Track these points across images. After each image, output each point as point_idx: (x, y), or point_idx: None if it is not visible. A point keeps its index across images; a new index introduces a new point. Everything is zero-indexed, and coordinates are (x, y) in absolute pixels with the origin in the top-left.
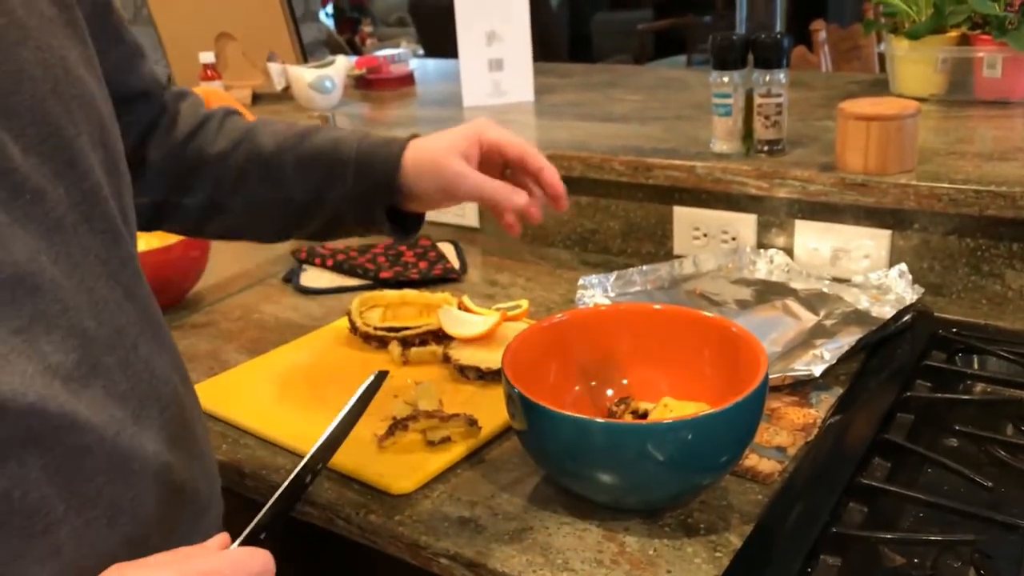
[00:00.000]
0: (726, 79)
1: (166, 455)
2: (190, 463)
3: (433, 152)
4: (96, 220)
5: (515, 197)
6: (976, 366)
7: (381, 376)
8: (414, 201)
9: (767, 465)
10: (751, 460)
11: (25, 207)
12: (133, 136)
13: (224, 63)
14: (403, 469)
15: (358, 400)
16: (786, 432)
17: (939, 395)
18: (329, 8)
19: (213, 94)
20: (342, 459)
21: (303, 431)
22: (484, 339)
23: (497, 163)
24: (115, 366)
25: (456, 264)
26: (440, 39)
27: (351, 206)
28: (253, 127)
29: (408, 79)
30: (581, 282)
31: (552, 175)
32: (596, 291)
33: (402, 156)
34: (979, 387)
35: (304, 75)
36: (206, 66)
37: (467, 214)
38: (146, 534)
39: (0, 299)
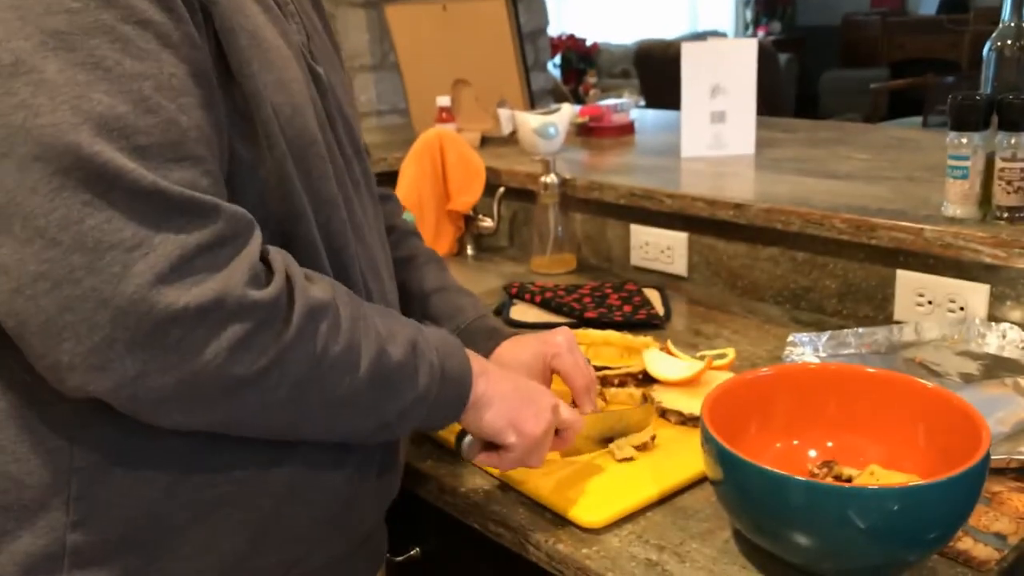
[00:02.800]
0: (964, 140)
1: None
2: None
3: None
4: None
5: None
6: None
7: None
8: None
9: (983, 551)
10: (965, 543)
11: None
12: None
13: (458, 107)
14: (594, 502)
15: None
16: (1008, 519)
17: None
18: (557, 59)
19: (446, 136)
20: (535, 485)
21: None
22: (688, 384)
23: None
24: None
25: (661, 310)
26: (663, 90)
27: None
28: (415, 259)
29: (628, 128)
30: (791, 339)
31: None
32: (806, 349)
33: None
34: None
35: (530, 121)
36: (442, 109)
37: (676, 261)
38: None
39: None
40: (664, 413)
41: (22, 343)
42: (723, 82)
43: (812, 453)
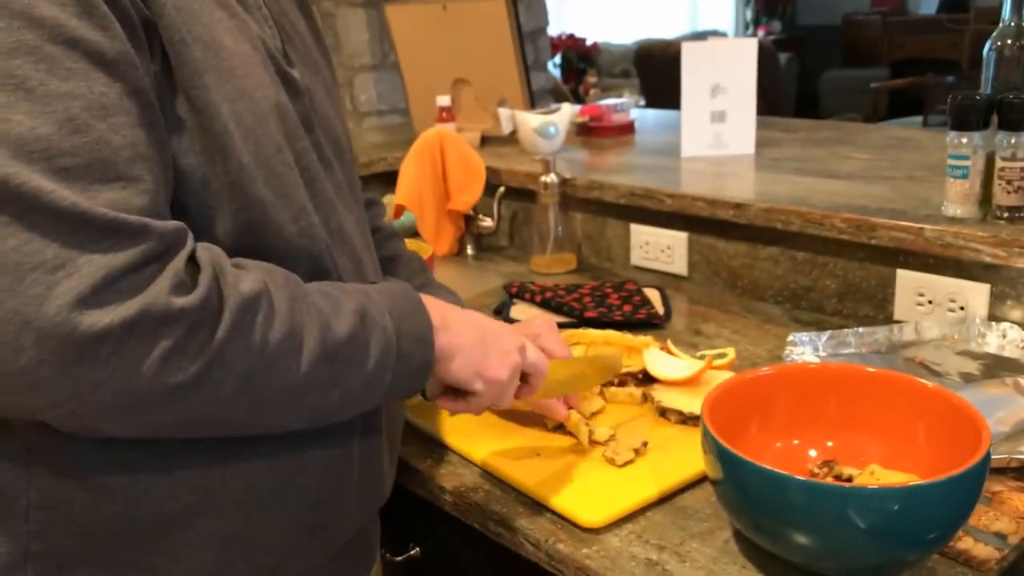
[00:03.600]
0: (964, 140)
1: None
2: None
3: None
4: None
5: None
6: None
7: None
8: None
9: (983, 551)
10: (965, 543)
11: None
12: None
13: (458, 106)
14: (594, 502)
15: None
16: (1008, 518)
17: None
18: (557, 59)
19: (446, 135)
20: (535, 484)
21: (493, 448)
22: (688, 384)
23: None
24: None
25: (661, 310)
26: (663, 90)
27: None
28: (397, 259)
29: (628, 128)
30: (791, 338)
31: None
32: (806, 349)
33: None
34: None
35: (530, 120)
36: (442, 108)
37: (676, 261)
38: None
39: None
40: (664, 412)
41: None
42: (723, 82)
43: (812, 453)
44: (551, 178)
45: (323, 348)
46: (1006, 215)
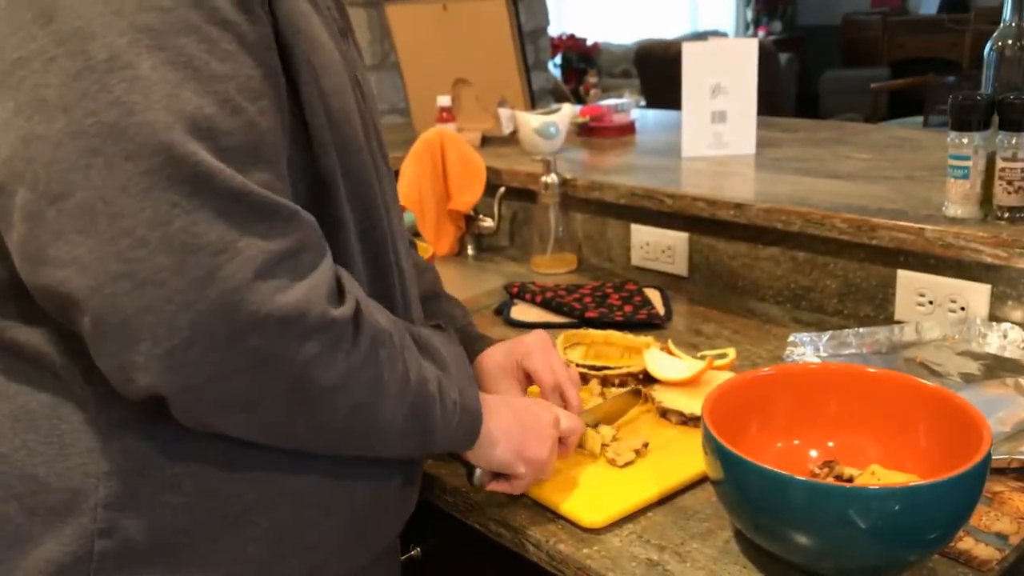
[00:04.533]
0: (965, 140)
1: None
2: None
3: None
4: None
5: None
6: None
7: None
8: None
9: (984, 551)
10: (966, 543)
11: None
12: None
13: (459, 107)
14: (595, 503)
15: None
16: (1009, 519)
17: None
18: (558, 59)
19: (447, 135)
20: (536, 486)
21: None
22: (689, 384)
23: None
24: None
25: (661, 310)
26: (663, 90)
27: None
28: (416, 267)
29: (628, 128)
30: (791, 339)
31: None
32: (807, 349)
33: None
34: None
35: (531, 120)
36: (442, 109)
37: (676, 261)
38: None
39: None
40: (665, 413)
41: (93, 340)
42: (724, 82)
43: (813, 453)
44: (551, 178)
45: (415, 400)
46: (1007, 215)
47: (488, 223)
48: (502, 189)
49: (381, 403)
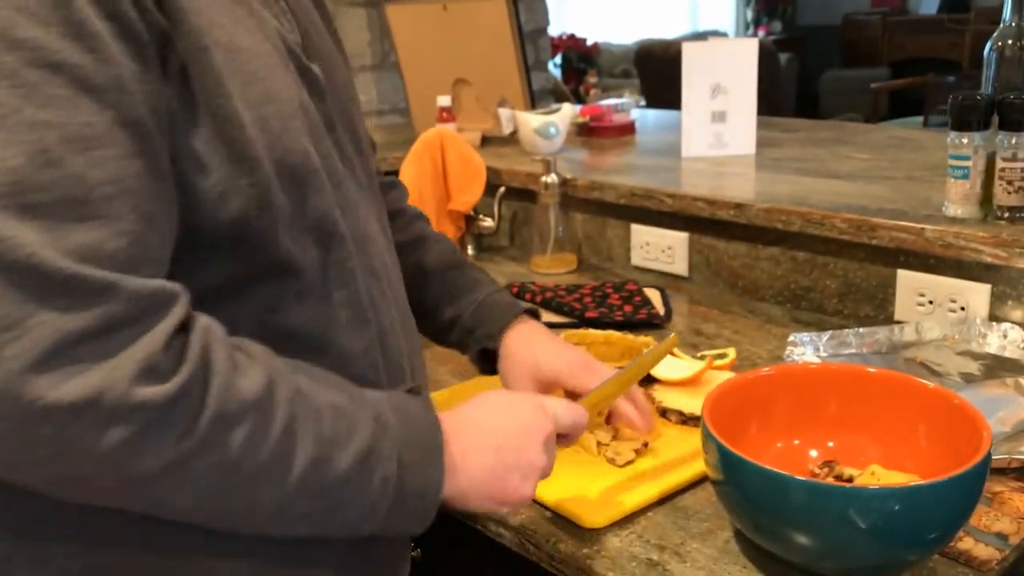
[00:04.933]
0: (965, 140)
1: None
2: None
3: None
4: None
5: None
6: None
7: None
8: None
9: (984, 551)
10: (966, 543)
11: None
12: None
13: (459, 107)
14: (596, 503)
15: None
16: (1009, 519)
17: None
18: (558, 59)
19: (447, 135)
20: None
21: None
22: (689, 384)
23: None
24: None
25: (661, 310)
26: (663, 90)
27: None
28: (425, 240)
29: (628, 128)
30: (791, 339)
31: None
32: (807, 349)
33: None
34: None
35: (531, 121)
36: (442, 109)
37: (676, 261)
38: None
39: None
40: (665, 413)
41: None
42: (724, 82)
43: (813, 453)
44: (551, 178)
45: (310, 482)
46: (1007, 215)
47: (488, 223)
48: (502, 189)
49: (246, 486)
